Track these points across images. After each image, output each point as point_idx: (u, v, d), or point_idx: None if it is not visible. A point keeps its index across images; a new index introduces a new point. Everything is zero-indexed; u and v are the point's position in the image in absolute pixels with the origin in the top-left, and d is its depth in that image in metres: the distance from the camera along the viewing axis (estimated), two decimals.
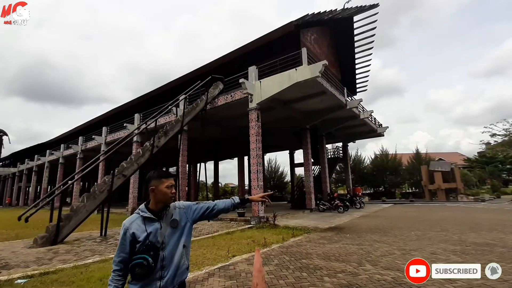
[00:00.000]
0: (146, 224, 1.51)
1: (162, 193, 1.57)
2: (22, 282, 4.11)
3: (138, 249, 1.46)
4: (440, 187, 24.10)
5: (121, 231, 1.51)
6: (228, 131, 18.09)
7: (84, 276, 4.35)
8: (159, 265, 1.45)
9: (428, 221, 10.61)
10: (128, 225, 1.51)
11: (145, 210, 1.56)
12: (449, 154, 45.26)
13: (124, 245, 1.48)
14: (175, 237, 1.55)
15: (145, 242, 1.46)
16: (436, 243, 6.36)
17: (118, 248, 1.50)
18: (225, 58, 15.13)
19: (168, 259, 1.48)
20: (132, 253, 1.47)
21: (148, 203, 1.60)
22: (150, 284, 1.43)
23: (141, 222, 1.52)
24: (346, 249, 5.99)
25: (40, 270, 4.70)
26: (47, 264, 5.26)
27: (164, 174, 1.62)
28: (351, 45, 18.61)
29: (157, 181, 1.58)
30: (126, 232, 1.49)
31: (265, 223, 10.30)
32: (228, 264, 4.91)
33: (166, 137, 12.01)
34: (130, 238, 1.48)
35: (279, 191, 34.97)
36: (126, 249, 1.48)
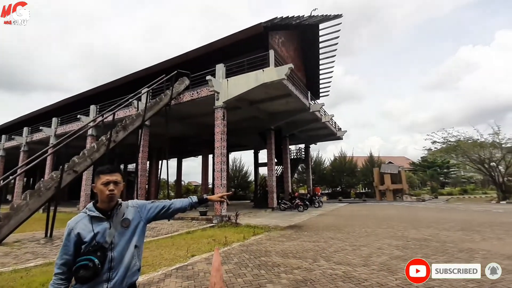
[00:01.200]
0: (94, 224, 1.43)
1: (98, 190, 1.48)
2: None
3: (84, 250, 1.38)
4: (388, 188, 26.36)
5: (65, 232, 1.43)
6: (193, 128, 17.72)
7: (24, 281, 3.96)
8: (107, 267, 1.38)
9: (377, 218, 11.54)
10: (73, 225, 1.43)
11: (93, 209, 1.47)
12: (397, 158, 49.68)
13: (68, 247, 1.39)
14: (126, 237, 1.47)
15: (92, 242, 1.38)
16: (383, 239, 6.97)
17: (61, 250, 1.41)
18: (193, 53, 14.78)
19: (117, 260, 1.41)
20: (77, 255, 1.38)
21: (97, 201, 1.52)
22: (96, 287, 1.35)
23: (87, 221, 1.44)
24: (303, 246, 6.28)
25: None
26: None
27: (101, 170, 1.52)
28: (316, 51, 19.44)
29: (96, 177, 1.50)
30: (71, 232, 1.41)
31: (227, 222, 10.32)
32: (186, 264, 4.84)
33: (125, 131, 11.35)
34: (74, 239, 1.39)
35: (243, 190, 35.16)
36: (70, 250, 1.39)
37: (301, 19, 14.65)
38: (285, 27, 15.62)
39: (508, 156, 22.53)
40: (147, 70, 16.35)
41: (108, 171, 1.50)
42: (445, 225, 9.18)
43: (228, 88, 12.02)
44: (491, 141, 22.89)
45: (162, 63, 15.79)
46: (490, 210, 14.82)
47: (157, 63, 16.13)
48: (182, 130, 18.02)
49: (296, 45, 18.74)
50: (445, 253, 5.38)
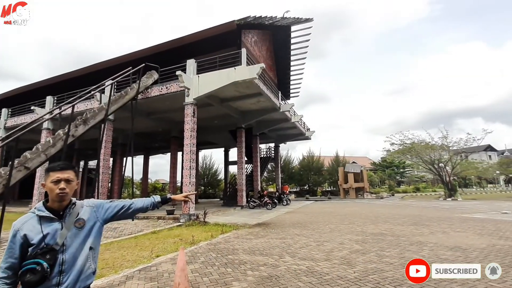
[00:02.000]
0: (43, 225, 1.34)
1: (48, 189, 1.38)
2: None
3: (31, 253, 1.29)
4: (351, 186, 27.89)
5: (10, 233, 1.33)
6: (162, 124, 17.12)
7: None
8: (57, 270, 1.30)
9: (340, 215, 12.16)
10: (19, 226, 1.33)
11: (43, 209, 1.37)
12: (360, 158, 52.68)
13: (13, 249, 1.30)
14: (80, 238, 1.39)
15: (40, 245, 1.30)
16: (344, 234, 7.37)
17: (6, 253, 1.30)
18: (163, 46, 14.23)
19: (69, 263, 1.33)
20: (23, 258, 1.29)
21: (48, 200, 1.42)
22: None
23: (36, 222, 1.35)
24: (270, 243, 6.43)
25: None
26: None
27: (52, 167, 1.42)
28: (288, 52, 19.86)
29: (46, 175, 1.41)
30: (16, 234, 1.31)
31: (195, 220, 10.17)
32: (150, 265, 4.70)
33: (85, 126, 10.60)
34: (20, 241, 1.30)
35: (212, 189, 34.83)
36: (16, 253, 1.30)
37: (274, 20, 14.85)
38: (258, 27, 15.73)
39: (454, 157, 25.04)
40: (112, 61, 15.42)
41: (59, 168, 1.41)
42: (399, 220, 9.96)
43: (199, 84, 11.80)
44: (441, 144, 25.26)
45: (129, 54, 15.01)
46: (438, 206, 16.38)
47: (123, 54, 15.30)
48: (150, 126, 17.35)
49: (268, 45, 18.97)
50: (398, 246, 5.85)
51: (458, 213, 12.00)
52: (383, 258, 4.95)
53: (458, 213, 12.22)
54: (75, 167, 1.52)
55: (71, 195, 1.44)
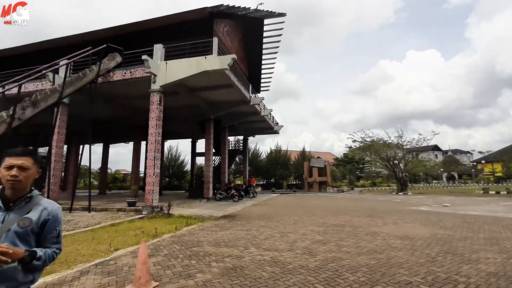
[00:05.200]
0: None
1: (1, 175, 1.26)
2: None
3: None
4: (315, 180, 29.12)
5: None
6: (124, 111, 16.13)
7: None
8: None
9: (304, 207, 12.64)
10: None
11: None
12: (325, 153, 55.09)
13: None
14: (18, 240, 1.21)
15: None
16: (307, 226, 7.68)
17: None
18: (128, 27, 13.30)
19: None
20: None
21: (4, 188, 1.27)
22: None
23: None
24: (235, 235, 6.46)
25: None
26: None
27: (7, 152, 1.29)
28: (260, 46, 19.79)
29: (2, 160, 1.27)
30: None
31: (159, 213, 9.85)
32: (108, 259, 4.45)
33: (35, 108, 9.61)
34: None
35: (178, 180, 33.93)
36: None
37: (247, 11, 14.64)
38: (231, 16, 15.40)
39: (407, 156, 27.34)
40: (70, 39, 14.04)
41: (15, 153, 1.26)
42: (357, 213, 10.64)
43: (166, 71, 11.27)
44: (396, 143, 27.38)
45: (89, 33, 13.79)
46: (391, 199, 17.80)
47: (82, 33, 14.00)
48: (111, 112, 16.24)
49: (240, 37, 18.71)
50: (356, 236, 6.26)
51: (407, 206, 13.15)
52: (342, 247, 5.25)
53: (407, 206, 13.39)
54: (36, 154, 1.34)
55: (27, 184, 1.28)
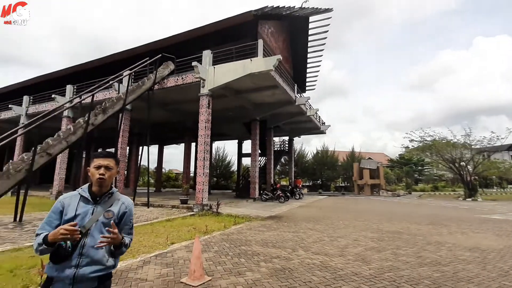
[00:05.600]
0: (79, 204, 1.43)
1: (91, 173, 1.49)
2: None
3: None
4: (367, 183, 27.34)
5: (54, 205, 1.42)
6: (176, 115, 17.31)
7: None
8: (78, 252, 1.34)
9: (355, 212, 11.96)
10: (62, 199, 1.45)
11: (86, 190, 1.48)
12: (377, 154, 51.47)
13: (52, 219, 1.40)
14: (104, 230, 1.41)
15: (69, 222, 1.35)
16: (359, 231, 7.23)
17: (44, 221, 1.39)
18: (179, 37, 14.26)
19: (89, 249, 1.36)
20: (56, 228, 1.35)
21: (92, 184, 1.51)
22: (64, 270, 1.31)
23: (76, 200, 1.44)
24: (283, 236, 6.39)
25: None
26: None
27: (96, 154, 1.53)
28: (305, 44, 19.40)
29: (91, 160, 1.51)
30: (58, 205, 1.42)
31: (208, 211, 10.29)
32: (166, 252, 4.79)
33: (104, 114, 10.88)
34: (59, 214, 1.40)
35: (225, 180, 35.16)
36: (53, 223, 1.38)
37: (291, 10, 14.49)
38: (275, 17, 15.42)
39: (477, 156, 23.95)
40: (130, 52, 15.63)
41: (102, 155, 1.51)
42: (416, 219, 9.67)
43: (214, 75, 11.76)
44: (463, 142, 24.18)
45: (146, 45, 15.14)
46: (457, 206, 15.78)
47: (141, 45, 15.44)
48: (165, 116, 17.56)
49: (285, 36, 18.60)
50: (415, 245, 5.68)
51: (477, 214, 11.52)
52: (399, 256, 4.83)
53: (477, 213, 11.73)
54: (117, 156, 1.58)
55: (110, 181, 1.51)
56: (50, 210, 1.42)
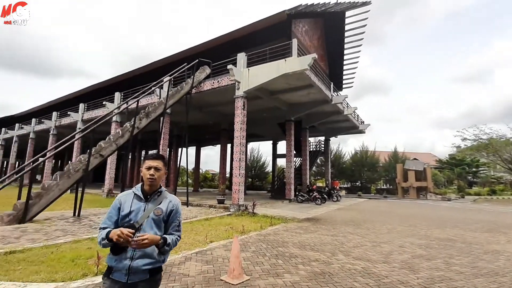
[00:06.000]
0: (133, 202, 1.57)
1: (142, 173, 1.62)
2: None
3: (119, 224, 1.53)
4: (412, 185, 25.38)
5: (113, 202, 1.60)
6: (212, 117, 17.86)
7: (55, 256, 4.21)
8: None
9: (399, 216, 11.18)
10: (120, 197, 1.62)
11: (139, 189, 1.62)
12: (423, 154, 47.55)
13: (112, 215, 1.56)
14: (153, 225, 1.54)
15: (126, 218, 1.53)
16: (404, 237, 6.73)
17: (106, 217, 1.57)
18: (214, 42, 14.72)
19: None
20: (116, 226, 1.52)
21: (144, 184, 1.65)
22: (121, 262, 1.46)
23: (131, 198, 1.59)
24: (321, 239, 6.20)
25: (6, 249, 4.48)
26: (14, 243, 5.03)
27: (147, 156, 1.66)
28: (341, 40, 18.71)
29: (142, 162, 1.66)
30: (117, 202, 1.59)
31: (244, 211, 10.41)
32: (205, 249, 4.94)
33: (147, 119, 11.65)
34: (117, 208, 1.57)
35: (260, 181, 35.34)
36: (113, 218, 1.55)
37: (326, 6, 14.09)
38: (309, 15, 15.14)
39: None
40: (169, 59, 16.54)
41: (152, 157, 1.64)
42: (471, 226, 8.74)
43: (249, 77, 11.90)
44: None
45: (184, 51, 15.89)
46: None
47: (179, 52, 16.25)
48: (202, 118, 18.21)
49: (320, 34, 18.14)
50: (470, 254, 5.14)
51: None
52: (452, 266, 4.43)
53: None
54: (165, 157, 1.70)
55: (159, 181, 1.63)
56: (110, 206, 1.60)
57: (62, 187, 8.23)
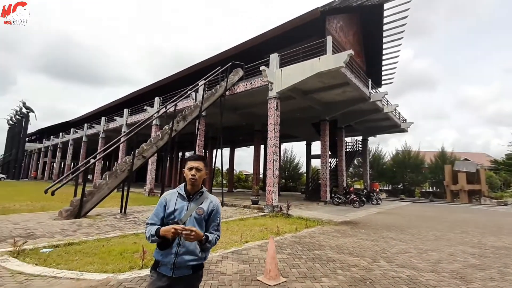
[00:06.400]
0: (177, 201, 1.65)
1: (185, 174, 1.71)
2: (48, 251, 4.36)
3: (165, 221, 1.62)
4: (463, 188, 23.07)
5: (159, 200, 1.69)
6: (246, 118, 18.07)
7: (105, 249, 4.58)
8: (177, 241, 1.54)
9: (448, 222, 10.24)
10: (165, 195, 1.70)
11: (182, 188, 1.70)
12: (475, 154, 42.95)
13: (158, 211, 1.64)
14: (195, 224, 1.60)
15: (171, 215, 1.61)
16: (455, 245, 6.16)
17: (153, 213, 1.66)
18: (246, 44, 14.92)
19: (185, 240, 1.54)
20: (162, 222, 1.62)
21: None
22: (167, 257, 1.55)
23: (175, 197, 1.68)
24: (360, 244, 5.91)
25: (65, 241, 4.99)
26: (71, 235, 5.58)
27: (189, 157, 1.74)
28: (379, 34, 17.70)
29: (185, 163, 1.73)
30: (163, 200, 1.67)
31: (278, 212, 10.35)
32: (241, 249, 4.99)
33: (184, 121, 12.18)
34: (163, 206, 1.65)
35: (293, 182, 34.87)
36: (159, 215, 1.64)
37: (362, 0, 13.47)
38: (344, 10, 14.59)
39: None
40: (203, 63, 17.13)
41: (193, 158, 1.71)
42: None
43: (281, 78, 11.82)
44: None
45: (217, 55, 16.34)
46: None
47: (212, 56, 16.75)
48: (235, 120, 18.53)
49: (355, 29, 17.38)
50: None
51: None
52: (507, 275, 4.05)
53: None
54: (205, 158, 1.78)
55: (200, 181, 1.70)
56: (152, 204, 1.72)
57: (110, 186, 8.96)
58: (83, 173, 9.33)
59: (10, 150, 40.63)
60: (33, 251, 4.35)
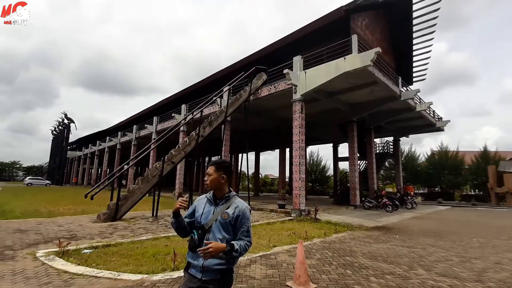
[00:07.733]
0: (206, 205, 1.72)
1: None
2: (88, 252, 4.67)
3: (194, 223, 1.69)
4: (510, 191, 20.98)
5: (192, 203, 1.80)
6: (271, 122, 18.06)
7: (139, 251, 4.79)
8: (203, 245, 1.54)
9: (494, 228, 9.37)
10: (197, 200, 1.81)
11: (211, 193, 1.77)
12: None
13: (189, 213, 1.77)
14: (221, 228, 1.62)
15: (198, 219, 1.68)
16: (502, 252, 5.63)
17: (188, 211, 1.79)
18: (269, 48, 14.97)
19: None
20: (192, 222, 1.72)
21: None
22: (197, 259, 1.58)
23: (204, 202, 1.75)
24: (395, 250, 5.60)
25: (103, 243, 5.31)
26: (109, 237, 5.92)
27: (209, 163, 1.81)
28: (409, 29, 16.82)
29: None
30: (194, 203, 1.79)
31: (306, 216, 10.15)
32: (269, 254, 4.95)
33: (210, 127, 12.46)
34: (193, 209, 1.75)
35: (320, 185, 34.08)
36: (191, 216, 1.75)
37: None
38: (370, 7, 14.11)
39: None
40: (228, 69, 17.46)
41: (209, 164, 1.79)
42: None
43: (306, 80, 11.67)
44: None
45: (241, 60, 16.57)
46: None
47: (236, 61, 17.03)
48: (260, 124, 18.59)
49: (382, 25, 16.71)
50: None
51: None
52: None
53: None
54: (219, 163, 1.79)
55: (212, 185, 1.73)
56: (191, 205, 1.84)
57: (143, 190, 9.40)
58: (117, 178, 9.90)
59: (54, 158, 44.41)
60: (75, 251, 4.67)
